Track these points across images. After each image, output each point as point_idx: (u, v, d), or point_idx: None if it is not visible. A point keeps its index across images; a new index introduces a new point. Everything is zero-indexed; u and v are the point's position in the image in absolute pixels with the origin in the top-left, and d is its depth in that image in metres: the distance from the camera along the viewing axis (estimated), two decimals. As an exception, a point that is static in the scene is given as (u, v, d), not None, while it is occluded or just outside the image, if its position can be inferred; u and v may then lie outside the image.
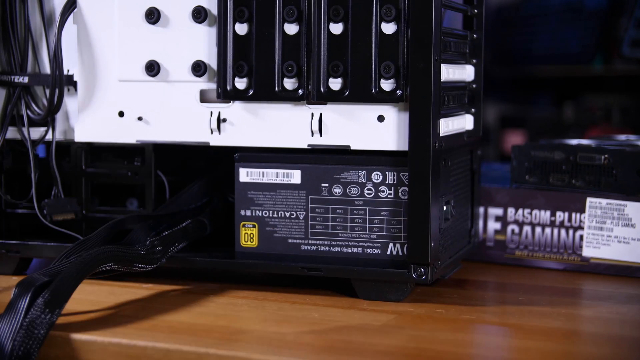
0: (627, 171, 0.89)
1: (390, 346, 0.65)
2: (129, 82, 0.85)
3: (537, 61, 1.94)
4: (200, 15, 0.82)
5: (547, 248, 0.94)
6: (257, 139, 0.82)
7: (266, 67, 0.80)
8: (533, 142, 0.98)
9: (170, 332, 0.68)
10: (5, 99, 0.88)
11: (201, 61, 0.83)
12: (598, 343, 0.68)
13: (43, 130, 0.88)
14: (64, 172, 0.89)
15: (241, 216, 0.82)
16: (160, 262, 0.79)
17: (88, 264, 0.72)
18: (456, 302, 0.78)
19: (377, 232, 0.80)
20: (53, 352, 0.67)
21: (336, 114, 0.80)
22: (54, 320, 0.66)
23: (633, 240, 0.89)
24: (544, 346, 0.66)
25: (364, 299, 0.79)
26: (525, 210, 0.95)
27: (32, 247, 0.86)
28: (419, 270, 0.77)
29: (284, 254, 0.81)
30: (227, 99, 0.82)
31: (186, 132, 0.84)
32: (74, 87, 0.87)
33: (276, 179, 0.81)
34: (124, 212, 0.88)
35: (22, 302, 0.65)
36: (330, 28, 0.79)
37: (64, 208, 0.88)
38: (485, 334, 0.71)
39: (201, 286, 0.84)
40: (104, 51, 0.85)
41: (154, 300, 0.79)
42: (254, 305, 0.77)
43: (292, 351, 0.64)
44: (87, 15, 0.86)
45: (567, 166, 0.93)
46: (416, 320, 0.73)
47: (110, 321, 0.71)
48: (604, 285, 0.87)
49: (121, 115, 0.86)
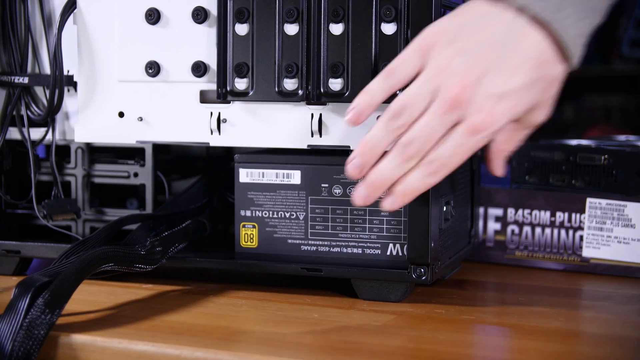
0: (627, 171, 0.89)
1: (390, 346, 0.65)
2: (129, 83, 0.85)
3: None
4: (200, 16, 0.82)
5: (547, 248, 0.94)
6: (257, 140, 0.82)
7: (266, 67, 0.80)
8: (533, 143, 0.98)
9: (170, 332, 0.68)
10: (5, 99, 0.88)
11: (201, 61, 0.83)
12: (598, 343, 0.68)
13: (43, 131, 0.88)
14: (64, 172, 0.89)
15: (241, 216, 0.82)
16: (160, 262, 0.79)
17: (88, 265, 0.72)
18: (456, 303, 0.78)
19: (377, 233, 0.80)
20: (53, 353, 0.67)
21: (336, 114, 0.80)
22: (54, 321, 0.66)
23: (633, 241, 0.89)
24: (544, 346, 0.66)
25: (364, 299, 0.79)
26: (525, 211, 0.95)
27: (32, 248, 0.86)
28: (419, 270, 0.77)
29: (284, 254, 0.81)
30: (227, 100, 0.82)
31: (186, 132, 0.84)
32: (74, 88, 0.87)
33: (276, 180, 0.81)
34: (124, 213, 0.88)
35: (22, 302, 0.65)
36: (330, 28, 0.79)
37: (64, 208, 0.88)
38: (485, 334, 0.71)
39: (201, 286, 0.84)
40: (104, 51, 0.85)
41: (154, 300, 0.79)
42: (254, 305, 0.77)
43: (292, 351, 0.64)
44: (87, 15, 0.86)
45: (567, 166, 0.93)
46: (416, 321, 0.73)
47: (110, 321, 0.71)
48: (604, 285, 0.87)
49: (121, 116, 0.86)
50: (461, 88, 0.67)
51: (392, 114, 0.69)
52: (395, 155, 0.69)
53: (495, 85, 0.68)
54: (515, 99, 0.68)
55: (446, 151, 0.69)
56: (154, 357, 0.65)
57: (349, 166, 0.71)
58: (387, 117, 0.69)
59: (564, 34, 0.68)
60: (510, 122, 0.70)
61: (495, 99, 0.68)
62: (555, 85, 0.70)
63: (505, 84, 0.68)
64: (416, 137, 0.68)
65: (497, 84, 0.68)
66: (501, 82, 0.68)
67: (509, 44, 0.68)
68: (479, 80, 0.67)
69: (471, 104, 0.67)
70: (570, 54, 0.69)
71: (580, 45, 0.69)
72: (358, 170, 0.71)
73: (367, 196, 0.71)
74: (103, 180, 0.90)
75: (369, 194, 0.71)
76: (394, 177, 0.70)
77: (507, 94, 0.68)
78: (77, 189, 0.89)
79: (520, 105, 0.69)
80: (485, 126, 0.68)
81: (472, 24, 0.69)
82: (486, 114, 0.68)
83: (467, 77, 0.67)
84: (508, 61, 0.68)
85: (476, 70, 0.67)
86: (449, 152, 0.69)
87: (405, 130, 0.69)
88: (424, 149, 0.69)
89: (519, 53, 0.68)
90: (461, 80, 0.67)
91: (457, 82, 0.67)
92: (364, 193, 0.71)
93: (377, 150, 0.70)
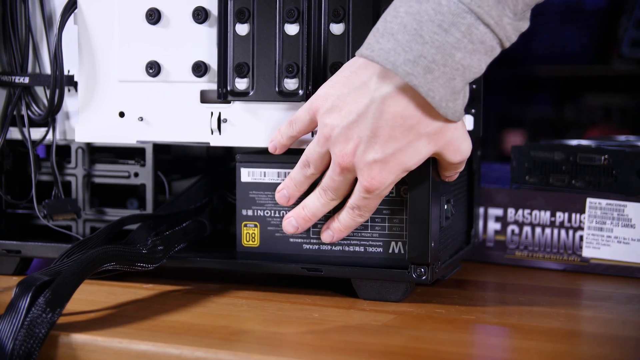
0: (627, 171, 0.89)
1: (390, 346, 0.65)
2: (130, 83, 0.85)
3: (537, 61, 1.94)
4: (200, 16, 0.82)
5: (547, 248, 0.94)
6: (257, 140, 0.82)
7: (266, 67, 0.80)
8: (533, 143, 0.98)
9: (171, 332, 0.68)
10: (5, 99, 0.88)
11: (202, 61, 0.83)
12: (598, 343, 0.68)
13: (43, 131, 0.88)
14: (64, 172, 0.89)
15: (243, 216, 0.82)
16: (161, 261, 0.79)
17: (89, 264, 0.72)
18: (456, 302, 0.78)
19: (378, 231, 0.80)
20: (53, 352, 0.67)
21: (336, 114, 0.80)
22: (55, 320, 0.66)
23: (633, 241, 0.89)
24: (544, 346, 0.66)
25: (364, 299, 0.79)
26: (525, 211, 0.95)
27: (33, 248, 0.86)
28: (419, 270, 0.77)
29: (285, 253, 0.81)
30: (227, 100, 0.82)
31: (187, 132, 0.84)
32: (75, 88, 0.87)
33: (278, 179, 0.81)
34: (125, 213, 0.88)
35: (23, 301, 0.65)
36: (330, 28, 0.79)
37: (64, 208, 0.88)
38: (485, 334, 0.71)
39: (201, 286, 0.84)
40: (105, 51, 0.86)
41: (154, 300, 0.79)
42: (255, 305, 0.77)
43: (292, 351, 0.64)
44: (87, 15, 0.86)
45: (567, 167, 0.93)
46: (416, 320, 0.73)
47: (110, 321, 0.71)
48: (604, 285, 0.87)
49: (122, 116, 0.86)
50: (342, 158, 0.73)
51: (302, 164, 0.77)
52: (318, 197, 0.77)
53: (371, 154, 0.72)
54: (394, 161, 0.72)
55: (358, 201, 0.75)
56: (154, 356, 0.65)
57: (277, 195, 0.80)
58: (299, 165, 0.78)
59: (434, 95, 0.69)
60: (403, 174, 0.74)
61: (374, 165, 0.72)
62: (446, 133, 0.72)
63: (379, 152, 0.72)
64: (329, 186, 0.76)
65: (372, 152, 0.72)
66: (375, 150, 0.72)
67: (377, 113, 0.71)
68: (356, 149, 0.72)
69: (357, 169, 0.73)
70: (444, 112, 0.70)
71: (457, 100, 0.71)
72: (285, 200, 0.79)
73: (298, 227, 0.79)
74: (103, 180, 0.90)
75: (300, 225, 0.79)
76: (320, 214, 0.78)
77: (384, 159, 0.72)
78: (78, 189, 0.89)
79: (405, 164, 0.73)
80: (374, 187, 0.73)
81: (348, 94, 0.72)
82: (370, 178, 0.73)
83: (345, 147, 0.73)
84: (380, 130, 0.71)
85: (352, 142, 0.72)
86: (361, 202, 0.75)
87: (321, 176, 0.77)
88: (339, 195, 0.76)
89: (387, 121, 0.71)
90: (341, 151, 0.73)
91: (339, 152, 0.73)
92: (295, 223, 0.79)
93: (300, 187, 0.79)
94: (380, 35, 0.70)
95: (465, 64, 0.69)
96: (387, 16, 0.70)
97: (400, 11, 0.70)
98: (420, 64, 0.68)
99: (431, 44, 0.68)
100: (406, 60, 0.68)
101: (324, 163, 0.76)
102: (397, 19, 0.70)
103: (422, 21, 0.68)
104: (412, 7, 0.69)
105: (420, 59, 0.68)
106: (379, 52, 0.70)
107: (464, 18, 0.68)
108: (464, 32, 0.68)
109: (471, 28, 0.68)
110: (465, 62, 0.69)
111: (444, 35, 0.68)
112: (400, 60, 0.69)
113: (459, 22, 0.68)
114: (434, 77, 0.69)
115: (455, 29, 0.68)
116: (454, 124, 0.72)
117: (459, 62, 0.69)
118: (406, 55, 0.68)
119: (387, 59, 0.69)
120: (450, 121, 0.71)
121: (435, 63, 0.68)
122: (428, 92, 0.69)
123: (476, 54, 0.69)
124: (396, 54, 0.69)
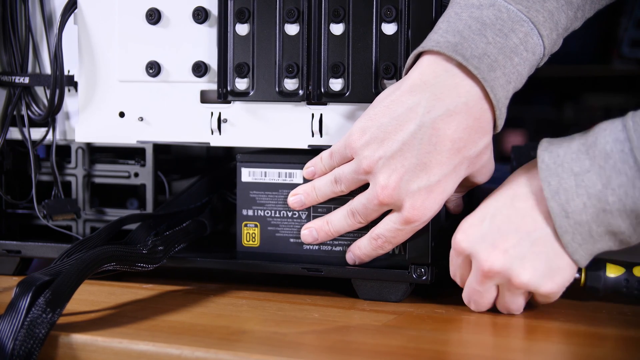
0: (627, 171, 0.88)
1: (390, 346, 0.65)
2: (130, 83, 0.85)
3: (537, 61, 1.93)
4: (200, 16, 0.82)
5: (547, 248, 0.93)
6: (257, 140, 0.82)
7: (267, 67, 0.80)
8: (533, 143, 0.97)
9: (171, 332, 0.68)
10: (5, 99, 0.88)
11: (202, 62, 0.83)
12: (599, 343, 0.68)
13: (43, 131, 0.88)
14: (64, 172, 0.89)
15: (243, 216, 0.83)
16: (161, 261, 0.79)
17: (89, 264, 0.72)
18: (456, 302, 0.78)
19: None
20: (53, 352, 0.67)
21: (336, 114, 0.80)
22: (55, 320, 0.66)
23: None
24: (544, 346, 0.66)
25: (364, 299, 0.79)
26: (525, 211, 0.94)
27: (33, 248, 0.87)
28: (419, 270, 0.77)
29: (286, 253, 0.82)
30: (227, 100, 0.82)
31: (187, 132, 0.84)
32: (75, 88, 0.87)
33: (278, 179, 0.81)
34: (124, 213, 0.89)
35: (23, 301, 0.65)
36: (330, 28, 0.79)
37: (64, 208, 0.88)
38: (485, 334, 0.71)
39: (201, 286, 0.84)
40: (105, 52, 0.86)
41: (154, 300, 0.79)
42: (255, 305, 0.77)
43: (292, 351, 0.64)
44: (87, 15, 0.86)
45: (567, 166, 0.92)
46: (416, 320, 0.73)
47: (110, 321, 0.71)
48: (604, 285, 0.87)
49: (122, 116, 0.86)
50: (383, 191, 0.72)
51: (333, 179, 0.77)
52: (346, 217, 0.77)
53: (415, 183, 0.71)
54: (438, 189, 0.72)
55: (387, 232, 0.75)
56: (155, 356, 0.65)
57: (292, 199, 0.79)
58: (329, 179, 0.77)
59: (496, 93, 0.70)
60: (443, 203, 0.73)
61: (418, 195, 0.72)
62: (482, 157, 0.74)
63: (424, 180, 0.71)
64: (360, 212, 0.75)
65: (417, 181, 0.71)
66: (420, 179, 0.71)
67: (426, 138, 0.70)
68: (400, 181, 0.71)
69: (399, 202, 0.72)
70: (499, 114, 0.71)
71: (505, 107, 0.71)
72: (299, 205, 0.79)
73: (317, 239, 0.79)
74: (103, 180, 0.90)
75: (321, 238, 0.79)
76: (344, 232, 0.78)
77: (428, 187, 0.71)
78: (78, 189, 0.89)
79: (447, 191, 0.73)
80: (415, 218, 0.73)
81: (389, 124, 0.71)
82: (412, 209, 0.72)
83: (389, 179, 0.72)
84: (427, 156, 0.71)
85: (397, 173, 0.71)
86: (390, 233, 0.75)
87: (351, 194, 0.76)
88: (368, 220, 0.76)
89: (435, 146, 0.70)
90: (383, 184, 0.72)
91: (380, 185, 0.72)
92: (316, 235, 0.79)
93: (321, 199, 0.78)
94: (445, 32, 0.71)
95: (520, 70, 0.71)
96: (449, 18, 0.72)
97: (463, 16, 0.71)
98: (484, 61, 0.69)
99: (494, 44, 0.70)
100: (473, 56, 0.69)
101: (358, 186, 0.75)
102: (461, 21, 0.71)
103: (485, 23, 0.70)
104: (474, 12, 0.71)
105: (484, 56, 0.69)
106: (446, 45, 0.70)
107: (522, 25, 0.70)
108: (521, 39, 0.70)
109: (527, 37, 0.70)
110: (520, 68, 0.71)
111: (505, 39, 0.70)
112: (468, 54, 0.69)
113: (517, 29, 0.70)
114: (496, 76, 0.70)
115: (514, 35, 0.70)
116: (489, 147, 0.73)
117: (516, 67, 0.70)
118: (472, 51, 0.69)
119: (456, 51, 0.70)
120: (494, 130, 0.72)
121: (497, 63, 0.70)
122: (492, 89, 0.70)
123: (527, 63, 0.71)
124: (463, 48, 0.70)
